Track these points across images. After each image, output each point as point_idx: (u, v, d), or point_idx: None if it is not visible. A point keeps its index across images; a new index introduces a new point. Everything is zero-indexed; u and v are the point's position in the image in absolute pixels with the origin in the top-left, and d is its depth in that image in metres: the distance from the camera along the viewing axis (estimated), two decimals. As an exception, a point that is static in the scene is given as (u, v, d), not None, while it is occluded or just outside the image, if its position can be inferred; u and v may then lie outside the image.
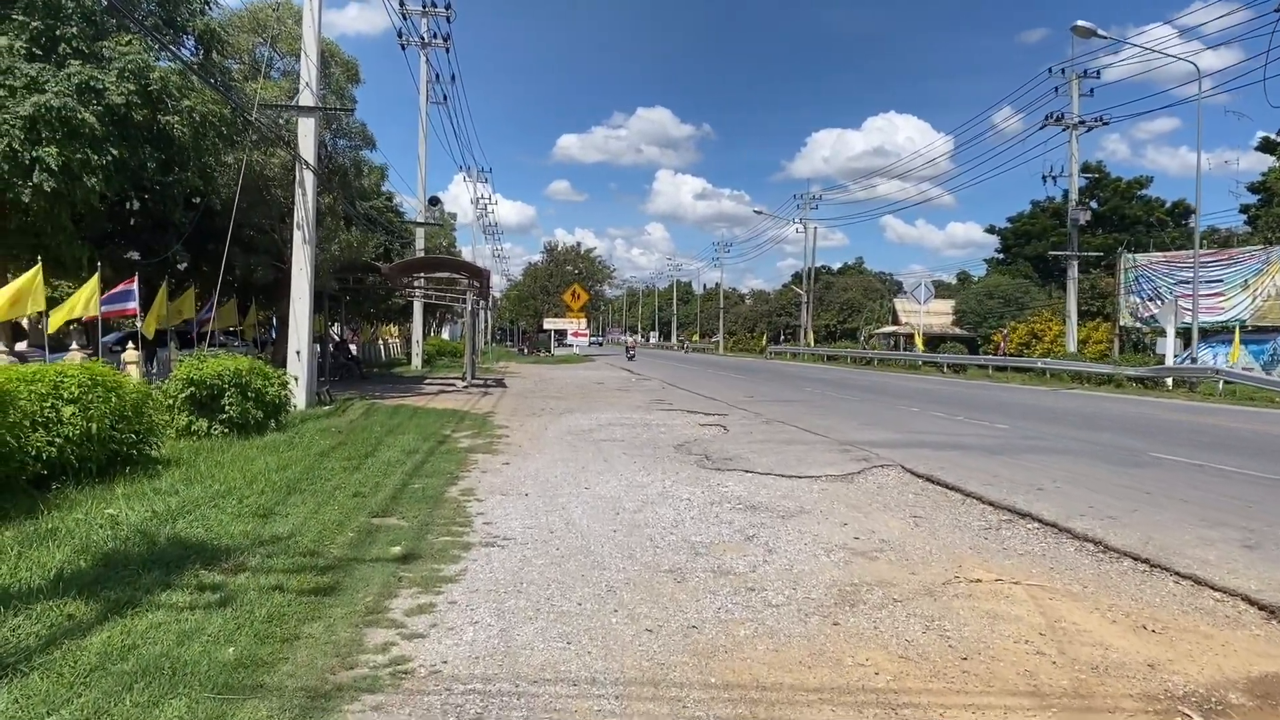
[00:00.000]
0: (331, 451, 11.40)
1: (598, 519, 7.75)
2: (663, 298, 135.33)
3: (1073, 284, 42.07)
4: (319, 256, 19.98)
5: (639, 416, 17.40)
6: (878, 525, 7.65)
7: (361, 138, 21.70)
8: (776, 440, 13.21)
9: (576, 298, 55.19)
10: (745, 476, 10.12)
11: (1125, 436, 13.84)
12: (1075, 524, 7.47)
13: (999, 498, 8.61)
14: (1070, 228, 42.85)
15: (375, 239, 31.84)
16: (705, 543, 6.92)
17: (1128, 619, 5.22)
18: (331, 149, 21.11)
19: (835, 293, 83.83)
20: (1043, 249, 73.73)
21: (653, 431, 14.72)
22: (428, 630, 4.83)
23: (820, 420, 15.93)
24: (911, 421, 15.95)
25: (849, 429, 14.58)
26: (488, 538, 6.98)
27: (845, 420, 16.13)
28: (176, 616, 4.80)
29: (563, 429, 15.10)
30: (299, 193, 18.04)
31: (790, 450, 12.10)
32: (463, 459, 11.30)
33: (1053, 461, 10.90)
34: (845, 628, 5.01)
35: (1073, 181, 42.19)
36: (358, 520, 7.42)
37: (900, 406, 19.28)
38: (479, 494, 8.86)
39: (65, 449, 7.98)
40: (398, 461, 10.75)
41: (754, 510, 8.21)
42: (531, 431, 14.65)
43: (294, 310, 18.09)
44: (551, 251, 67.53)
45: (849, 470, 10.38)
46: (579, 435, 14.18)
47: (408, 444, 12.39)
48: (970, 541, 7.11)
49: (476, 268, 25.90)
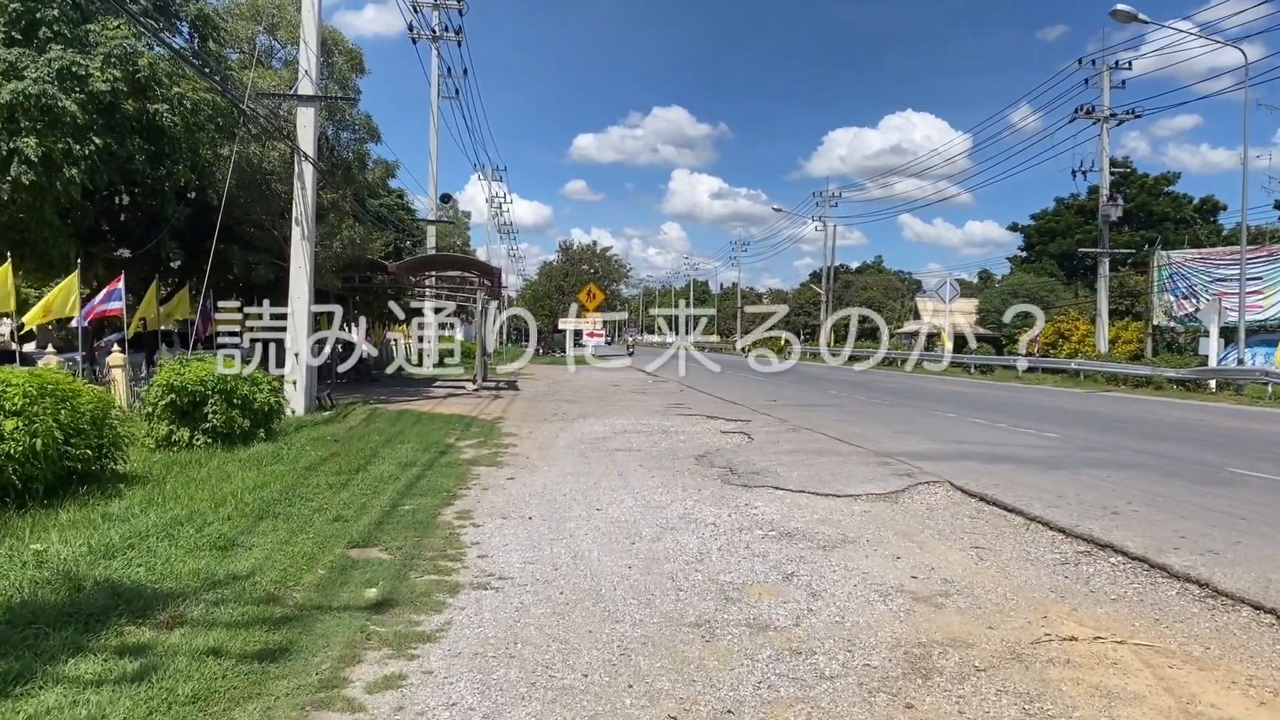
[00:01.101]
0: (321, 465, 10.42)
1: (610, 550, 6.72)
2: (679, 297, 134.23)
3: (1103, 282, 40.79)
4: (320, 254, 19.07)
5: (656, 423, 16.36)
6: (936, 559, 6.57)
7: (366, 130, 20.79)
8: (806, 450, 12.13)
9: (592, 297, 54.17)
10: (776, 495, 9.05)
11: (1193, 448, 12.63)
12: (1170, 559, 6.37)
13: (1070, 523, 7.50)
14: (1101, 224, 41.60)
15: (384, 237, 30.95)
16: (736, 583, 5.87)
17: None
18: (334, 142, 20.19)
19: (855, 291, 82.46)
20: (1068, 246, 72.19)
21: (671, 440, 13.68)
22: (391, 717, 3.81)
23: (851, 427, 14.83)
24: (950, 429, 14.82)
25: (884, 438, 13.47)
26: (480, 576, 5.95)
27: (878, 427, 15.01)
28: (75, 697, 3.80)
29: (575, 437, 14.08)
30: (298, 186, 17.10)
31: (823, 463, 11.02)
32: (463, 473, 10.29)
33: (1121, 478, 9.76)
34: (922, 713, 3.94)
35: (1103, 176, 40.93)
36: (333, 552, 6.42)
37: (935, 412, 18.13)
38: (476, 517, 7.84)
39: (6, 467, 7.03)
40: (391, 477, 9.75)
41: (790, 539, 7.15)
42: (541, 440, 13.63)
43: (292, 310, 17.16)
44: (567, 251, 66.59)
45: (892, 488, 9.29)
46: (592, 444, 13.15)
47: (406, 455, 11.40)
48: (1048, 580, 6.03)
49: (488, 265, 24.93)
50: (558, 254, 68.81)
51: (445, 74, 36.31)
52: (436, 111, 35.95)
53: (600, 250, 66.84)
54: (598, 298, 55.29)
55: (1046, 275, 66.01)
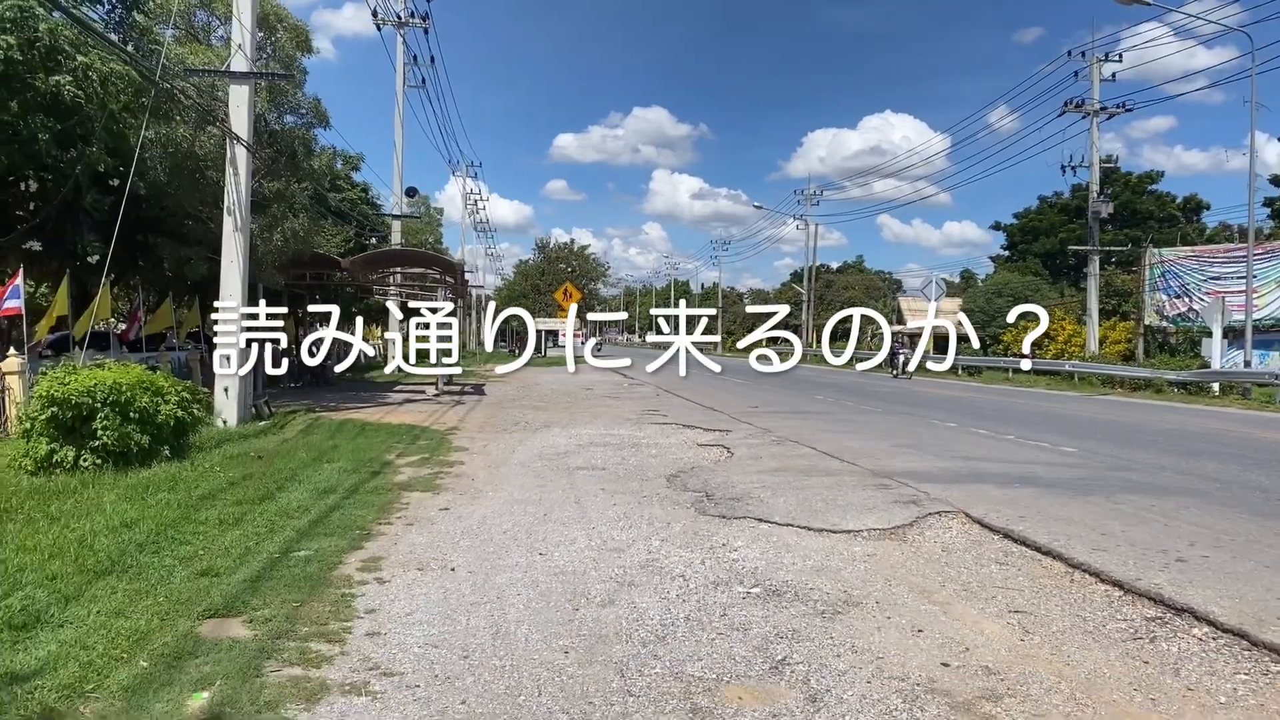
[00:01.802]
0: (222, 492, 8.80)
1: (544, 622, 5.15)
2: (660, 297, 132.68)
3: (1093, 280, 39.70)
4: (260, 247, 17.39)
5: (627, 433, 14.82)
6: (968, 630, 5.06)
7: (315, 114, 19.08)
8: (794, 469, 10.61)
9: (568, 297, 52.51)
10: (760, 530, 7.52)
11: (1238, 466, 11.07)
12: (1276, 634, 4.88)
13: (1127, 574, 6.00)
14: (1091, 220, 40.47)
15: (343, 232, 29.27)
16: (708, 679, 4.32)
17: None
18: (278, 127, 18.49)
19: (836, 291, 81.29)
20: (1051, 246, 71.30)
21: (641, 455, 12.13)
22: None
23: (843, 440, 13.33)
24: (953, 441, 13.35)
25: (880, 453, 11.97)
26: (359, 671, 4.37)
27: (872, 439, 13.52)
28: None
29: (533, 451, 12.50)
30: (230, 172, 15.42)
31: (813, 485, 9.50)
32: (390, 501, 8.70)
33: (1170, 508, 8.25)
34: None
35: (1093, 171, 39.73)
36: (176, 628, 4.83)
37: (933, 420, 16.67)
38: (385, 568, 6.25)
39: None
40: (300, 508, 8.14)
41: (778, 600, 5.61)
42: (494, 456, 12.05)
43: (223, 309, 15.47)
44: (544, 249, 64.85)
45: (897, 520, 7.78)
46: (551, 461, 11.58)
47: (329, 478, 9.78)
48: (1123, 668, 4.52)
49: (448, 261, 23.30)
50: (534, 251, 67.04)
51: (411, 61, 34.63)
52: (402, 99, 34.26)
53: (578, 248, 65.18)
54: (575, 296, 53.68)
55: (1031, 274, 64.98)
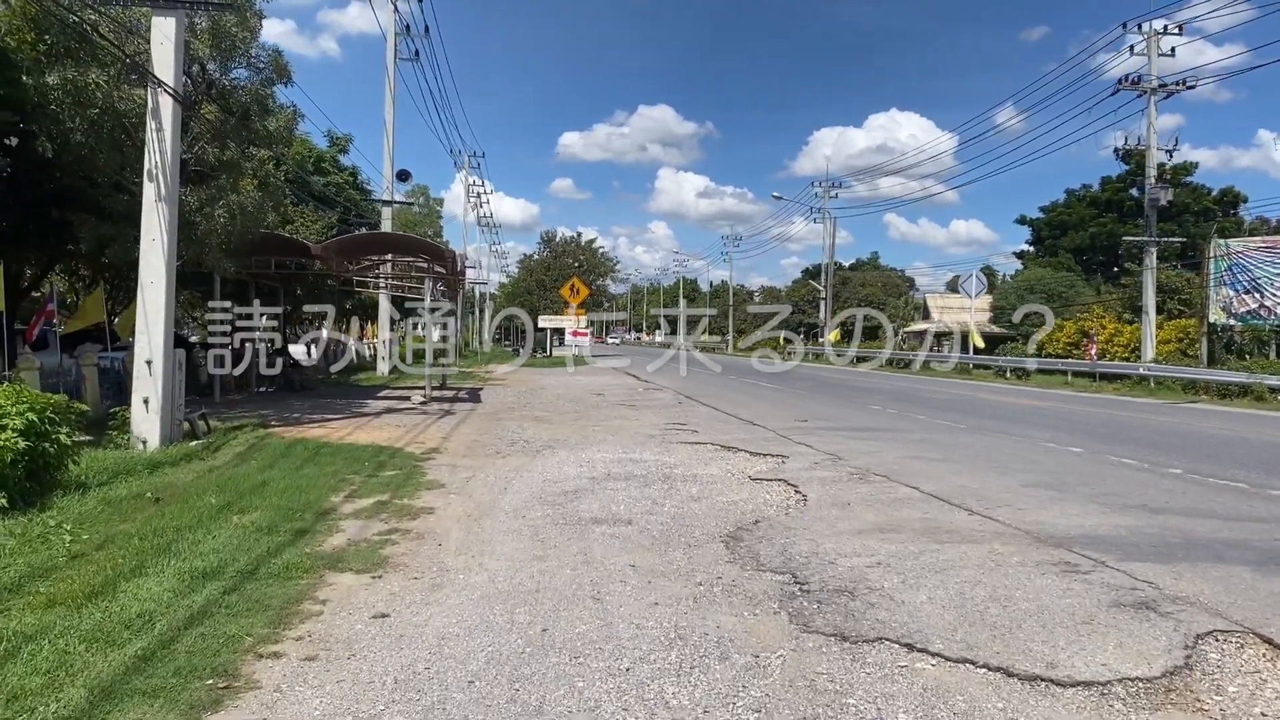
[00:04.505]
0: (40, 578, 5.59)
1: None
2: (668, 295, 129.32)
3: (1150, 274, 36.37)
4: (200, 224, 14.16)
5: (653, 457, 11.57)
6: None
7: (274, 68, 15.86)
8: (908, 527, 7.34)
9: (575, 293, 49.24)
10: (922, 676, 4.26)
11: None
12: None
13: None
14: (1148, 209, 37.20)
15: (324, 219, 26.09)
16: None
17: None
18: (226, 83, 15.24)
19: (852, 288, 77.93)
20: (1081, 240, 67.96)
21: (679, 496, 8.86)
22: None
23: (947, 473, 10.05)
24: (1098, 476, 10.03)
25: (1015, 496, 8.68)
26: None
27: (987, 472, 10.21)
28: None
29: (532, 488, 9.25)
30: (150, 126, 12.19)
31: (955, 562, 6.23)
32: (299, 597, 5.45)
33: None
34: None
35: (1150, 154, 36.37)
36: None
37: (1041, 441, 13.30)
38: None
39: None
40: (140, 618, 4.90)
41: None
42: (478, 499, 8.79)
43: (143, 300, 12.26)
44: (549, 243, 61.44)
45: (1154, 653, 4.50)
46: (556, 506, 8.33)
47: (225, 545, 6.55)
48: None
49: (437, 247, 20.03)
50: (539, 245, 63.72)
51: (404, 32, 31.38)
52: (393, 77, 30.98)
53: (585, 242, 61.78)
54: (582, 293, 50.33)
55: (1064, 270, 61.50)
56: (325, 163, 30.27)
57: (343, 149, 32.56)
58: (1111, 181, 67.49)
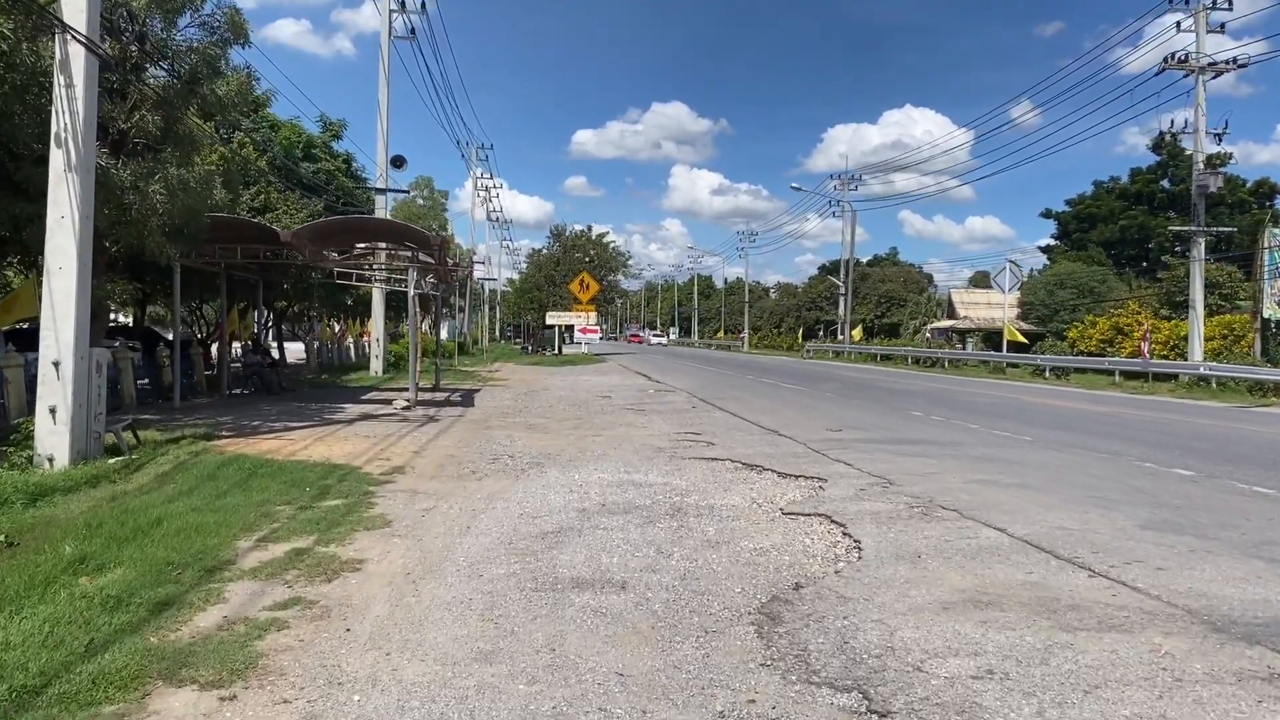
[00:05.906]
0: None
1: None
2: (682, 292, 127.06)
3: (1198, 266, 34.00)
4: (134, 203, 12.15)
5: (660, 480, 9.49)
6: None
7: (231, 25, 13.85)
8: (1010, 597, 5.23)
9: (585, 288, 47.17)
10: None
11: None
12: None
13: None
14: (1195, 196, 34.87)
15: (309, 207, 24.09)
16: None
17: None
18: (169, 41, 13.23)
19: (872, 284, 75.41)
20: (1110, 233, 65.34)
21: (692, 541, 6.77)
22: None
23: (1034, 506, 7.93)
24: (1234, 512, 7.87)
25: (1139, 545, 6.54)
26: None
27: (1088, 505, 8.05)
28: None
29: (503, 529, 7.18)
30: (58, 81, 10.22)
31: (1112, 666, 4.13)
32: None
33: None
34: None
35: (1198, 138, 34.06)
36: None
37: (1135, 461, 11.10)
38: None
39: None
40: None
41: None
42: (427, 547, 6.72)
43: (49, 289, 10.26)
44: (559, 237, 59.28)
45: None
46: (527, 560, 6.25)
47: (42, 627, 4.52)
48: None
49: (422, 234, 17.95)
50: (549, 240, 61.53)
51: (400, 7, 29.41)
52: (387, 55, 29.02)
53: (596, 236, 59.59)
54: (592, 288, 48.22)
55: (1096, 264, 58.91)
56: (316, 148, 28.28)
57: (336, 134, 30.58)
58: (1142, 173, 65.03)
